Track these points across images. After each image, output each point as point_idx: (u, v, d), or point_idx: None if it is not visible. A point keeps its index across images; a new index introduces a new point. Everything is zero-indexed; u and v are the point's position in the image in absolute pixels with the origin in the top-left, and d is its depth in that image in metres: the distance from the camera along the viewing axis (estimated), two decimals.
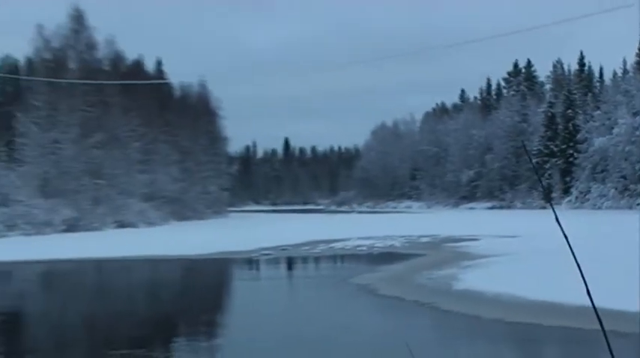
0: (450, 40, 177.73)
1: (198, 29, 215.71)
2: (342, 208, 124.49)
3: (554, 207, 2.34)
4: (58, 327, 15.40)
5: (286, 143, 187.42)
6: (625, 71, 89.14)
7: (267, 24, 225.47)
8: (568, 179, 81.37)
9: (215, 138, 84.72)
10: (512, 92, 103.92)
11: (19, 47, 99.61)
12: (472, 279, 19.63)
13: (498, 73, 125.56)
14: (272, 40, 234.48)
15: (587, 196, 77.43)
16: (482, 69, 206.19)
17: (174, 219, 64.99)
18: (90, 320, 16.11)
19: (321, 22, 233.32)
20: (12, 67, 74.12)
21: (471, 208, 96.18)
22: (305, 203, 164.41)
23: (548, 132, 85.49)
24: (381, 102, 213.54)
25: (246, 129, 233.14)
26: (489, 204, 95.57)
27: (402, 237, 39.12)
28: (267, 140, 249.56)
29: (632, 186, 71.75)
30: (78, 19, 62.58)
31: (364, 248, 33.17)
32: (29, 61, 68.04)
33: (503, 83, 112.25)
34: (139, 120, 64.82)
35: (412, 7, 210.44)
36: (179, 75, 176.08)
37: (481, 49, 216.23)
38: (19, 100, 59.86)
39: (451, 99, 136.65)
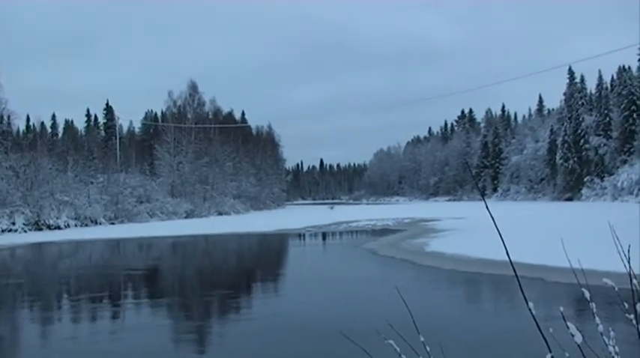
0: (422, 96, 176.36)
1: (264, 89, 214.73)
2: (356, 201, 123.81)
3: (486, 199, 2.31)
4: (180, 277, 15.34)
5: (321, 162, 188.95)
6: (530, 114, 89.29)
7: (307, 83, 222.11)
8: (496, 182, 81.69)
9: (277, 159, 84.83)
10: (460, 128, 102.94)
11: (157, 106, 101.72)
12: (436, 245, 19.39)
13: (452, 117, 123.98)
14: (310, 96, 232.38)
15: (508, 193, 77.53)
16: (442, 114, 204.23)
17: (253, 209, 64.98)
18: (199, 272, 16.05)
19: (338, 86, 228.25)
20: (152, 118, 75.08)
21: (436, 200, 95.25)
22: (333, 198, 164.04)
23: (482, 153, 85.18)
24: (380, 135, 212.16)
25: (296, 154, 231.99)
26: (447, 198, 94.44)
27: (393, 219, 38.76)
28: (310, 160, 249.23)
29: (535, 186, 72.45)
30: (193, 87, 63.22)
31: (370, 225, 32.87)
32: (163, 114, 68.82)
33: (455, 123, 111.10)
34: (231, 148, 65.20)
35: (393, 74, 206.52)
36: (255, 120, 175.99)
37: (442, 101, 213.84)
38: (157, 137, 60.65)
39: (423, 132, 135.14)
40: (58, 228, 34.44)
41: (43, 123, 72.50)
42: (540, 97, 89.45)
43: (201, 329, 8.23)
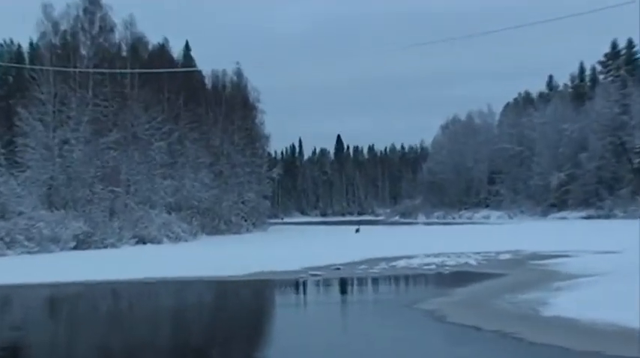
0: (532, 17, 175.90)
1: (228, 6, 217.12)
2: (406, 219, 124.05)
3: None
4: None
5: (338, 141, 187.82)
6: None
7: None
8: None
9: (253, 136, 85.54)
10: (610, 78, 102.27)
11: (22, 31, 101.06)
12: (563, 304, 19.41)
13: (594, 56, 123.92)
14: (308, 19, 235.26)
15: None
16: (574, 51, 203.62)
17: (206, 233, 65.69)
18: (103, 355, 16.15)
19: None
20: (14, 54, 75.20)
21: (562, 218, 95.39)
22: (361, 213, 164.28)
23: None
24: (451, 91, 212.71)
25: (290, 126, 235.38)
26: (584, 213, 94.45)
27: (479, 253, 39.14)
28: (316, 138, 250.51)
29: None
30: None
31: (432, 266, 33.27)
32: (34, 47, 68.89)
33: (599, 67, 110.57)
34: (163, 115, 65.58)
35: None
36: (210, 61, 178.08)
37: (572, 26, 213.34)
38: (21, 93, 60.02)
39: (537, 87, 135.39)
40: None
41: None
42: None
43: None
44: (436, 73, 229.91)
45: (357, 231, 73.11)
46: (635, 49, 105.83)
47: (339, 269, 33.01)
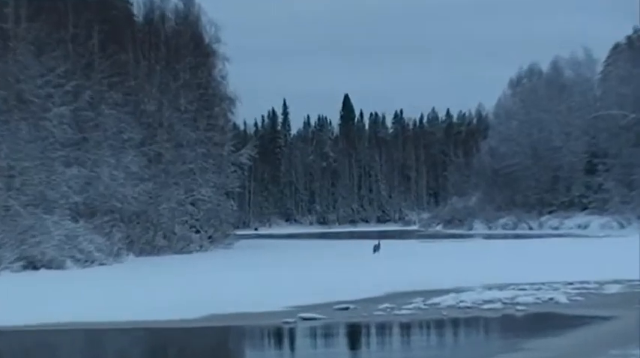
0: None
1: None
2: (454, 229, 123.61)
3: None
4: None
5: (346, 106, 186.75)
6: None
7: None
8: None
9: (210, 99, 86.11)
10: None
11: None
12: None
13: None
14: None
15: None
16: None
17: (134, 252, 65.70)
18: None
19: None
20: None
21: None
22: (382, 220, 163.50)
23: None
24: (526, 26, 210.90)
25: (270, 81, 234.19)
26: None
27: (570, 283, 39.32)
28: (310, 100, 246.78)
29: None
30: None
31: (497, 305, 33.22)
32: None
33: None
34: (66, 65, 65.43)
35: None
36: None
37: None
38: None
39: None
40: None
41: None
42: None
43: None
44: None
45: (377, 249, 72.87)
46: None
47: (346, 309, 33.01)
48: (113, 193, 66.78)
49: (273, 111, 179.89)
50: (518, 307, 32.65)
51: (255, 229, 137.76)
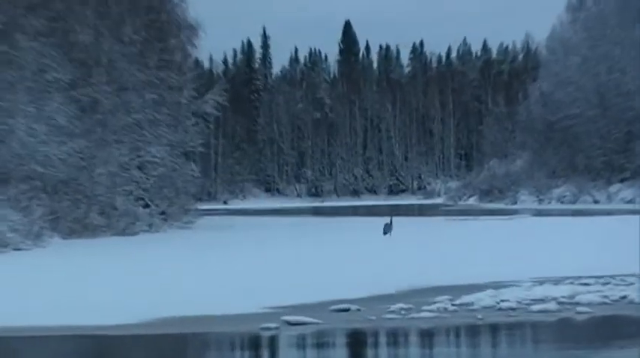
0: None
1: None
2: (493, 204, 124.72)
3: None
4: None
5: (346, 35, 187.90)
6: None
7: None
8: None
9: (164, 26, 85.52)
10: None
11: None
12: None
13: None
14: None
15: None
16: None
17: (60, 232, 65.70)
18: None
19: None
20: None
21: None
22: (396, 189, 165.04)
23: None
24: None
25: (246, 4, 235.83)
26: None
27: None
28: (299, 29, 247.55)
29: None
30: None
31: (552, 305, 33.04)
32: None
33: None
34: None
35: None
36: None
37: None
38: None
39: None
40: None
41: None
42: None
43: None
44: None
45: (388, 229, 72.75)
46: None
47: (346, 310, 32.93)
48: (32, 154, 66.55)
49: (249, 42, 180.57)
50: (580, 308, 32.37)
51: (225, 202, 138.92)
